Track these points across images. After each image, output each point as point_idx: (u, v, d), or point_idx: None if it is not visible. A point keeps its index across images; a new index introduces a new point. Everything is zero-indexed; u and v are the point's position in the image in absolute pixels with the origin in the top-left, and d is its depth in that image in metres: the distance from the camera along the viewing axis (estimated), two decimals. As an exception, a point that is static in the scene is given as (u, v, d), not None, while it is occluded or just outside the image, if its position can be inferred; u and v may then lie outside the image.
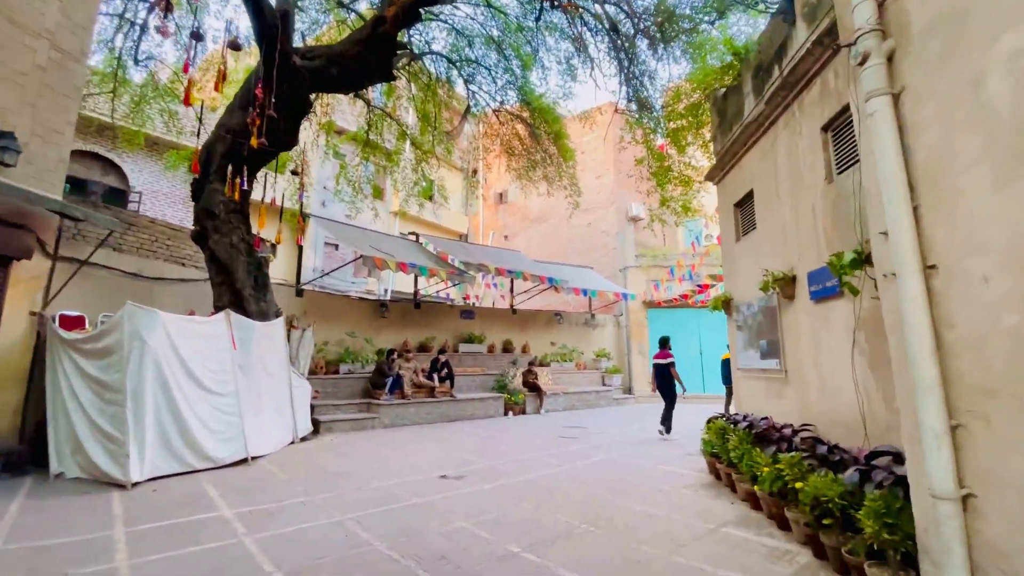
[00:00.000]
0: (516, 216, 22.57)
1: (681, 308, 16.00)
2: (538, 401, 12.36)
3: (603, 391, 14.38)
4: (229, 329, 6.84)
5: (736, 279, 6.30)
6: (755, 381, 5.74)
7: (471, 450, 7.52)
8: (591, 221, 19.50)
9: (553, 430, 9.65)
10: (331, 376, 10.29)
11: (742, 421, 5.30)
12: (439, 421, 10.47)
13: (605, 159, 19.62)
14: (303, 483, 5.57)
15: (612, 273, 17.63)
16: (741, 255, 6.18)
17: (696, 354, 15.97)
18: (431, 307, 13.35)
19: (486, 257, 12.77)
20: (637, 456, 7.11)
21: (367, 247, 10.12)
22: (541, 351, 15.15)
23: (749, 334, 5.82)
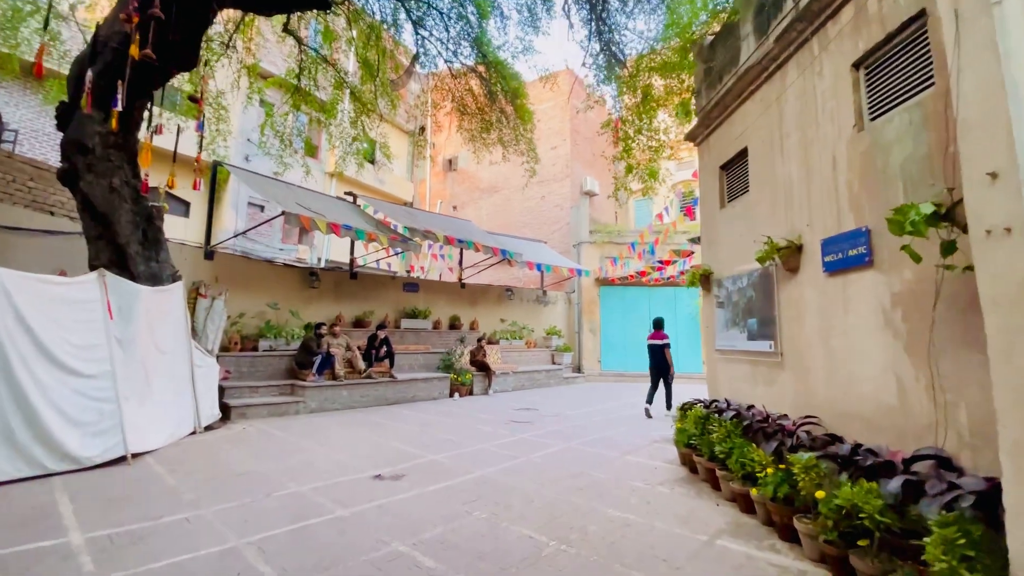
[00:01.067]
0: (466, 185, 21.30)
1: (633, 286, 15.62)
2: (486, 381, 11.52)
3: (553, 370, 13.78)
4: (103, 294, 5.37)
5: (718, 250, 5.63)
6: (737, 364, 5.13)
7: (412, 440, 6.54)
8: (545, 194, 18.65)
9: (504, 414, 8.84)
10: (248, 354, 8.86)
11: (727, 410, 4.66)
12: (376, 405, 9.36)
13: (561, 129, 18.73)
14: (195, 489, 4.38)
15: (565, 249, 16.95)
16: (726, 223, 5.49)
17: (645, 333, 15.67)
18: (370, 278, 12.04)
19: (433, 224, 11.59)
20: (598, 444, 6.43)
21: (293, 204, 8.67)
22: (490, 328, 14.28)
23: (733, 312, 5.18)
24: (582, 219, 16.33)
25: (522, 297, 15.50)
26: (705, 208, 6.01)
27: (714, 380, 5.69)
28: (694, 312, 15.72)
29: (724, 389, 5.44)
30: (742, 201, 5.18)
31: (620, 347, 15.63)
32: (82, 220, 6.16)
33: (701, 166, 6.16)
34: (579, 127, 19.29)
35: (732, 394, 5.23)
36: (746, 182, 5.09)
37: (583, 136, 19.57)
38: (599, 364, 15.53)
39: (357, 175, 15.52)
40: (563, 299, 16.66)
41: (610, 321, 15.72)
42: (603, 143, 21.91)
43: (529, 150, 12.47)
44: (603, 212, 19.65)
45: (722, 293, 5.43)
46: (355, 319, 11.26)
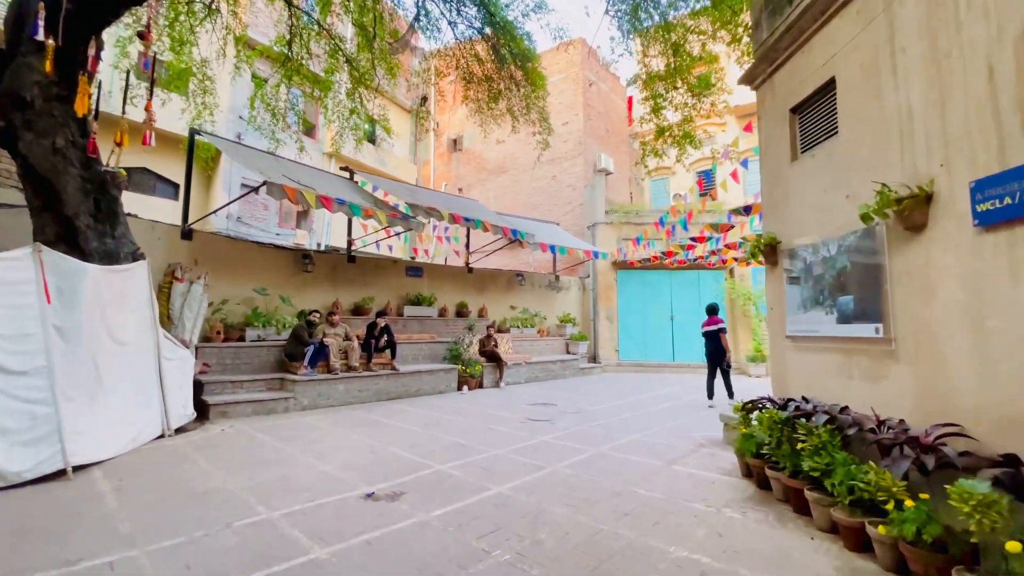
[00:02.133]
0: (472, 166, 20.20)
1: (654, 270, 14.54)
2: (497, 373, 10.56)
3: (568, 360, 12.79)
4: (39, 273, 4.41)
5: (789, 214, 4.57)
6: (819, 354, 4.09)
7: (415, 444, 5.58)
8: (556, 173, 17.54)
9: (518, 410, 7.88)
10: (232, 344, 7.93)
11: (815, 413, 3.64)
12: (376, 400, 8.43)
13: (573, 103, 17.55)
14: (138, 516, 3.44)
15: (579, 231, 15.87)
16: (800, 179, 4.42)
17: (667, 320, 14.68)
18: (370, 262, 11.05)
19: (437, 202, 10.55)
20: (634, 449, 5.44)
21: (279, 176, 7.66)
22: (500, 315, 13.29)
23: (814, 288, 4.13)
24: (597, 198, 15.22)
25: (533, 282, 14.48)
26: (768, 164, 4.93)
27: (782, 373, 4.66)
28: (720, 297, 14.65)
29: (797, 385, 4.41)
30: (825, 148, 4.10)
31: (639, 335, 14.61)
32: (24, 189, 5.20)
33: (762, 112, 5.06)
34: (592, 101, 18.09)
35: (809, 391, 4.20)
36: (832, 123, 4.01)
37: (596, 111, 18.38)
38: (616, 353, 14.53)
39: (356, 154, 14.43)
40: (577, 284, 15.62)
41: (628, 307, 14.68)
42: (617, 120, 20.70)
43: (541, 120, 11.35)
44: (617, 192, 18.49)
45: (795, 266, 4.38)
46: (353, 306, 10.30)
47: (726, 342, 8.21)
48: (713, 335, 8.30)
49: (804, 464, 3.46)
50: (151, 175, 14.42)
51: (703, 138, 21.50)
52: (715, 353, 8.26)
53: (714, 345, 8.26)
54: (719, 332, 8.25)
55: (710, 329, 8.39)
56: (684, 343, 14.56)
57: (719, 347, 8.18)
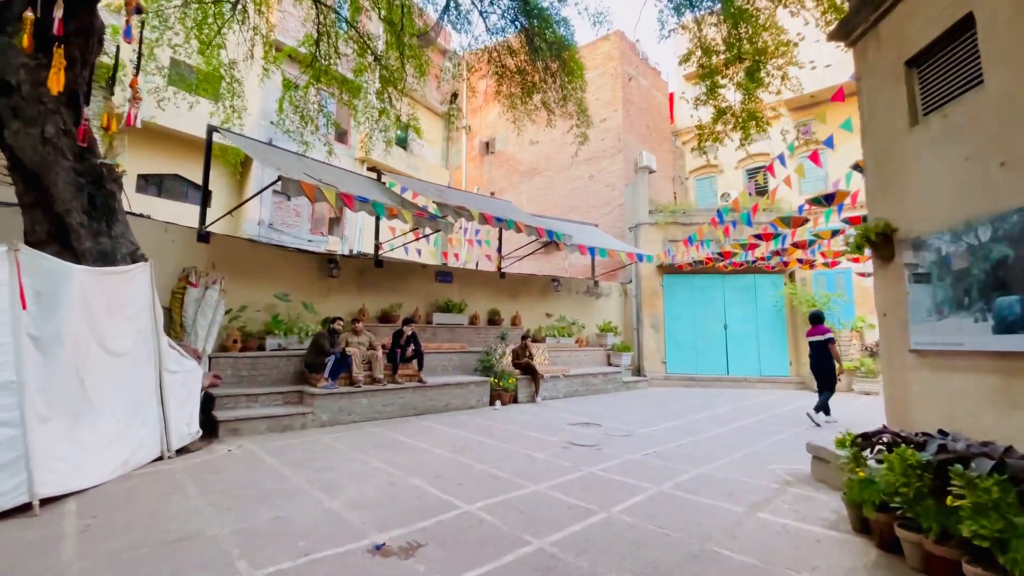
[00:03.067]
0: (504, 169, 19.52)
1: (703, 274, 13.37)
2: (533, 387, 9.69)
3: (610, 373, 11.77)
4: (14, 275, 3.89)
5: (909, 193, 3.54)
6: (967, 375, 3.05)
7: (440, 474, 4.78)
8: (593, 173, 16.61)
9: (558, 430, 6.98)
10: (249, 354, 7.40)
11: (977, 457, 2.62)
12: (402, 416, 7.71)
13: (611, 99, 16.62)
14: (91, 570, 2.77)
15: (620, 233, 14.87)
16: (926, 148, 3.40)
17: (720, 328, 13.43)
18: (398, 266, 10.44)
19: (467, 202, 9.84)
20: (703, 487, 4.46)
21: (299, 173, 7.12)
22: (534, 324, 12.43)
23: (954, 288, 3.10)
24: (640, 198, 14.19)
25: (570, 288, 13.56)
26: (874, 134, 3.91)
27: (903, 398, 3.60)
28: (779, 303, 13.33)
29: (928, 413, 3.36)
30: (964, 105, 3.09)
31: (689, 345, 13.42)
32: (14, 183, 4.76)
33: (864, 71, 4.05)
34: (632, 96, 17.11)
35: (949, 423, 3.15)
36: (971, 71, 3.00)
37: (636, 107, 17.38)
38: (664, 366, 13.38)
39: (387, 158, 13.98)
40: (618, 290, 14.59)
41: (676, 315, 13.53)
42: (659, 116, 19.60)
43: (580, 111, 10.51)
44: (659, 193, 17.35)
45: (924, 258, 3.35)
46: (381, 313, 9.68)
47: (836, 352, 7.53)
48: (820, 346, 7.61)
49: (963, 528, 2.45)
50: (184, 182, 14.40)
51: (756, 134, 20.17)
52: (822, 367, 7.60)
53: (818, 357, 7.64)
54: (827, 343, 7.53)
55: (816, 339, 7.69)
56: (739, 354, 13.28)
57: (827, 359, 7.52)
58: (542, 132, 18.19)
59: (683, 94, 8.80)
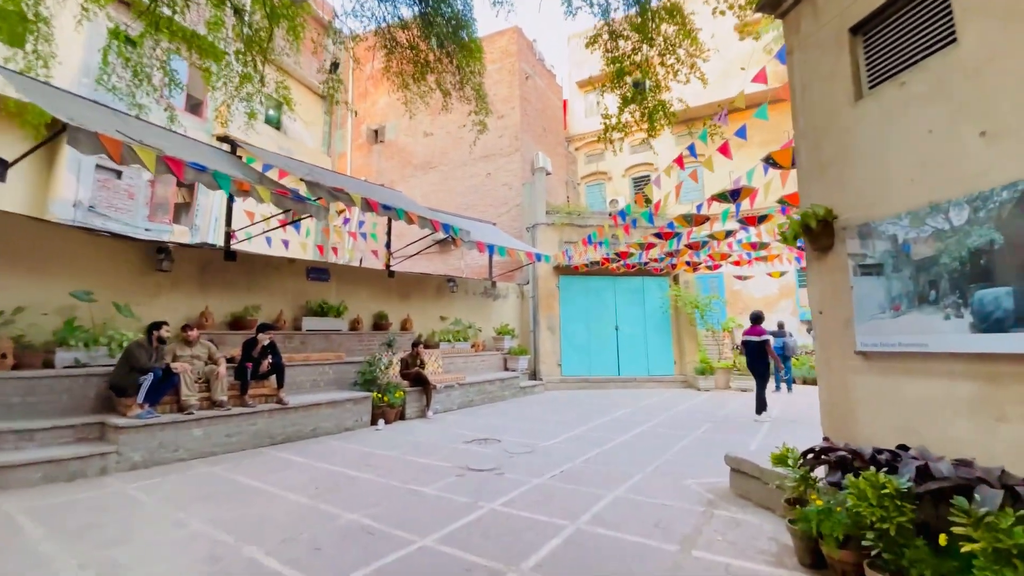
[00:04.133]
0: (395, 160, 18.04)
1: (597, 275, 13.27)
2: (424, 399, 8.54)
3: (508, 378, 11.03)
4: None
5: (855, 176, 3.15)
6: (933, 381, 2.65)
7: (289, 535, 3.50)
8: (490, 171, 15.90)
9: (452, 452, 5.96)
10: (24, 374, 5.30)
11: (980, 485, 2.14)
12: (254, 447, 6.11)
13: (509, 96, 16.07)
14: None
15: (517, 233, 14.30)
16: (876, 123, 3.03)
17: (612, 330, 13.43)
18: (257, 261, 8.62)
19: (349, 186, 8.41)
20: (624, 516, 3.77)
21: (110, 130, 5.23)
22: (428, 328, 11.28)
23: (915, 280, 2.70)
24: (537, 198, 13.74)
25: (467, 289, 12.62)
26: (809, 112, 3.53)
27: (846, 405, 3.20)
28: (664, 305, 13.68)
29: (879, 424, 2.96)
30: (929, 71, 2.72)
31: (583, 347, 13.21)
32: None
33: (796, 44, 3.68)
34: (529, 96, 16.75)
35: (908, 436, 2.76)
36: (938, 32, 2.64)
37: (533, 107, 17.06)
38: (559, 368, 13.00)
39: (249, 135, 11.80)
40: (515, 292, 13.98)
41: (571, 317, 13.26)
42: (554, 120, 19.55)
43: (478, 97, 9.64)
44: (553, 196, 17.17)
45: (875, 248, 2.95)
46: (231, 317, 7.86)
47: (772, 353, 7.94)
48: (757, 346, 7.90)
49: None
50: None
51: (637, 144, 20.84)
52: (758, 365, 7.90)
53: (754, 356, 7.91)
54: (763, 344, 7.86)
55: (753, 339, 7.93)
56: (629, 355, 13.38)
57: (763, 359, 7.86)
58: (437, 123, 17.10)
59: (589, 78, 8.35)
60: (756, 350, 7.90)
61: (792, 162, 4.89)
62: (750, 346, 7.99)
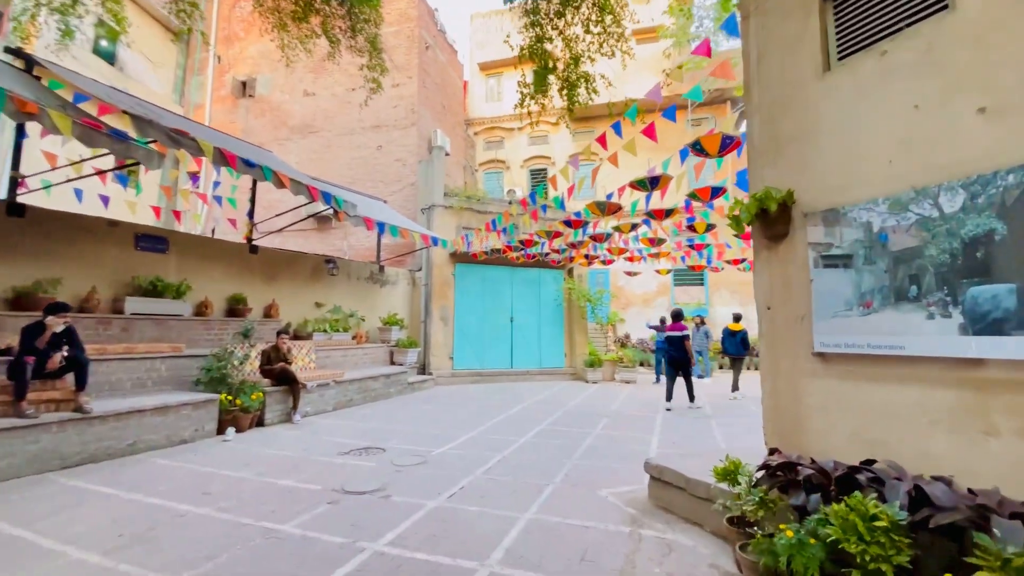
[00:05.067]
0: (268, 119, 15.61)
1: (494, 264, 12.67)
2: (291, 400, 7.16)
3: (394, 374, 9.93)
4: None
5: (819, 156, 2.82)
6: (909, 388, 2.37)
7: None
8: (383, 143, 14.43)
9: (324, 467, 4.85)
10: None
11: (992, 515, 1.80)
12: (37, 472, 4.38)
13: (407, 64, 14.70)
14: None
15: (411, 214, 13.11)
16: (847, 98, 2.72)
17: (506, 321, 12.95)
18: (57, 220, 6.45)
19: (199, 133, 6.63)
20: (544, 546, 3.11)
21: None
22: (300, 315, 9.71)
23: (890, 274, 2.40)
24: (435, 178, 12.69)
25: (350, 273, 11.18)
26: (766, 83, 3.15)
27: (797, 412, 2.87)
28: (558, 297, 13.56)
29: (834, 434, 2.65)
30: (913, 39, 2.41)
31: (476, 339, 12.53)
32: None
33: (755, 6, 3.27)
34: (429, 67, 15.52)
35: (870, 447, 2.46)
36: None
37: (433, 81, 15.87)
38: (451, 361, 12.17)
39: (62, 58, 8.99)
40: (406, 278, 12.81)
41: (466, 307, 12.50)
42: (455, 100, 18.49)
43: (372, 51, 8.36)
44: (451, 180, 16.25)
45: (842, 236, 2.62)
46: (15, 294, 5.75)
47: (690, 348, 8.44)
48: (677, 341, 8.41)
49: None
50: None
51: (535, 140, 20.65)
52: (678, 359, 8.44)
53: (678, 351, 8.41)
54: (683, 339, 8.35)
55: (674, 334, 8.46)
56: (523, 348, 13.04)
57: (683, 353, 8.36)
58: (322, 83, 15.09)
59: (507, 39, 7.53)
60: (677, 344, 8.42)
61: (720, 148, 4.62)
62: (672, 340, 8.48)
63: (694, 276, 18.00)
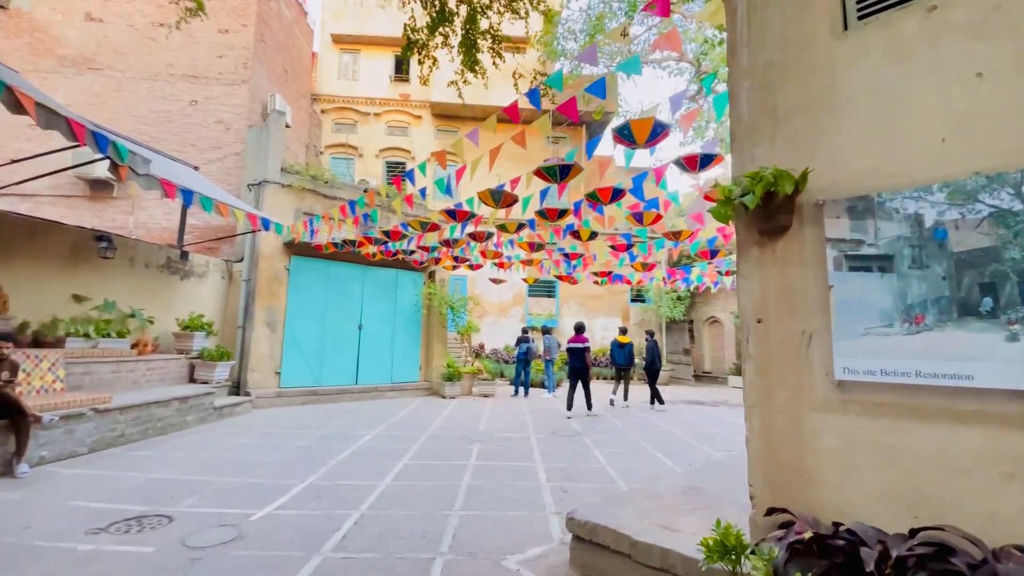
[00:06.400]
0: (27, 41, 11.24)
1: (343, 261, 10.81)
2: (12, 440, 4.57)
3: (195, 396, 7.46)
4: None
5: (845, 130, 2.21)
6: (970, 429, 1.79)
7: None
8: (199, 98, 11.43)
9: (56, 564, 2.85)
10: None
11: None
12: None
13: (241, 8, 11.97)
14: None
15: (235, 190, 10.49)
16: (873, 64, 2.16)
17: (354, 329, 11.14)
18: None
19: None
20: None
21: None
22: (46, 313, 6.72)
23: (952, 282, 1.85)
24: (272, 149, 10.32)
25: (134, 258, 8.28)
26: (766, 40, 2.50)
27: (802, 459, 2.22)
28: (417, 303, 12.24)
29: (861, 489, 2.02)
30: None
31: (314, 351, 10.45)
32: None
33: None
34: (270, 20, 12.93)
35: (916, 508, 1.85)
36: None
37: (275, 38, 13.27)
38: (278, 378, 9.88)
39: None
40: (220, 270, 10.11)
41: (303, 310, 10.34)
42: (300, 69, 15.83)
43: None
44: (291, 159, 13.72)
45: (883, 232, 2.03)
46: None
47: (589, 359, 8.96)
48: (579, 352, 8.91)
49: None
50: None
51: (395, 130, 19.11)
52: (580, 369, 8.94)
53: (579, 362, 8.93)
54: (584, 350, 8.87)
55: (576, 346, 8.96)
56: (372, 360, 11.35)
57: (584, 364, 8.91)
58: (114, 7, 11.40)
59: None
60: (578, 355, 8.90)
61: (650, 136, 4.02)
62: (573, 352, 8.95)
63: (547, 287, 18.26)
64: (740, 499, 3.73)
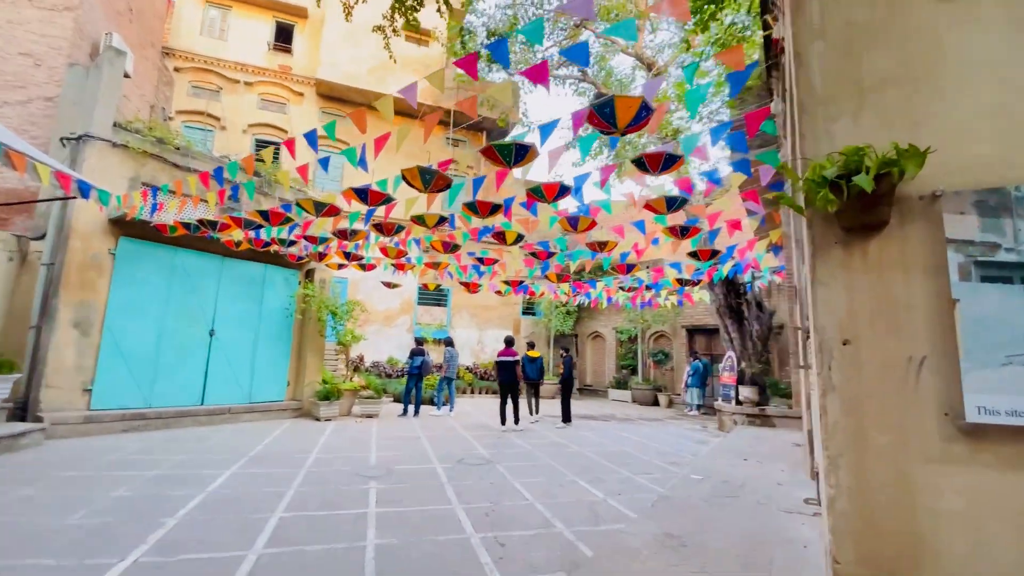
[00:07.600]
0: None
1: (195, 249, 8.71)
2: None
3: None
4: None
5: (962, 108, 1.78)
6: None
7: None
8: (2, 21, 8.43)
9: None
10: None
11: None
12: None
13: (68, -88, 9.17)
14: None
15: (43, 143, 7.82)
16: (1002, 29, 1.75)
17: (204, 335, 9.00)
18: None
19: None
20: None
21: None
22: None
23: None
24: (101, 96, 7.89)
25: None
26: (859, 0, 2.04)
27: (910, 523, 1.69)
28: (290, 306, 10.43)
29: (998, 566, 1.52)
30: None
31: (145, 359, 8.14)
32: None
33: None
34: (111, -61, 10.19)
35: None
36: None
37: (116, -38, 10.50)
38: (87, 396, 7.43)
39: None
40: (6, 248, 7.38)
41: (131, 308, 8.00)
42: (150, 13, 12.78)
43: None
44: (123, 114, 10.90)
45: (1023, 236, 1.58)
46: None
47: (520, 373, 9.19)
48: (509, 365, 9.04)
49: None
50: None
51: (269, 104, 16.85)
52: (509, 383, 9.04)
53: (509, 375, 9.03)
54: (515, 363, 9.05)
55: (506, 359, 9.08)
56: (225, 374, 9.26)
57: (513, 377, 9.04)
58: None
59: None
60: (508, 368, 8.99)
61: (633, 120, 3.46)
62: (504, 365, 9.02)
63: (438, 296, 17.22)
64: (730, 549, 3.25)
